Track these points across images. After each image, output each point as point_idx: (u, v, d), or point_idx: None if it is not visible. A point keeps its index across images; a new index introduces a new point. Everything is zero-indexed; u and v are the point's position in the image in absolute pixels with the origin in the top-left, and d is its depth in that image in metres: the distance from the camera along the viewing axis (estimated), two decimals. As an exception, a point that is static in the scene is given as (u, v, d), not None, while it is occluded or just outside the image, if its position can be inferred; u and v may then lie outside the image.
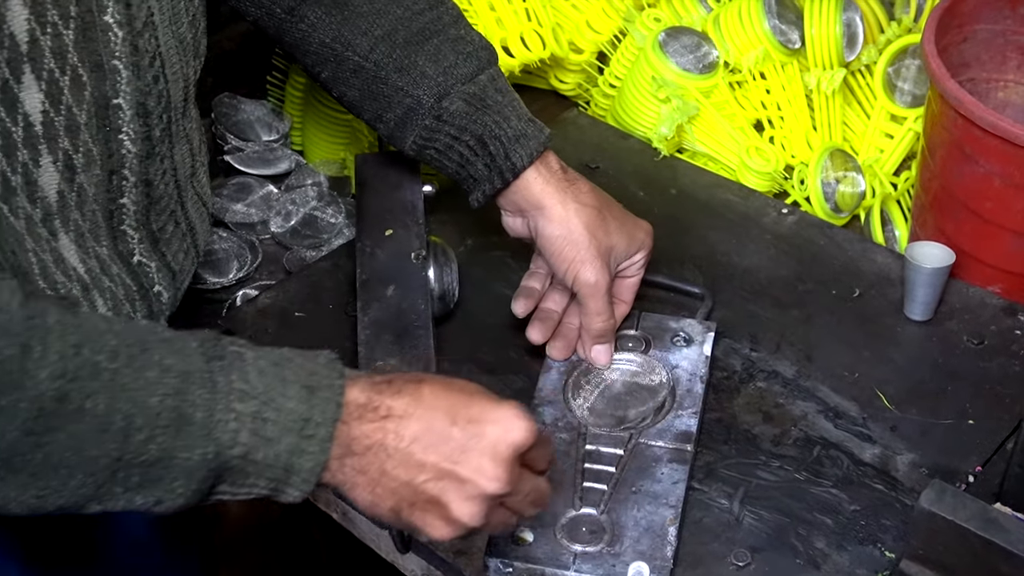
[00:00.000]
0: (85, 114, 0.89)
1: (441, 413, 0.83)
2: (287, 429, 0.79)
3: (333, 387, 0.81)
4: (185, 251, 1.06)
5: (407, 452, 0.82)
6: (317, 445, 0.80)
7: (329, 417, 0.80)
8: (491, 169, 1.13)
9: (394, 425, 0.82)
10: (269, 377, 0.80)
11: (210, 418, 0.77)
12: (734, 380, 1.19)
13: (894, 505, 1.06)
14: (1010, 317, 1.25)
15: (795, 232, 1.36)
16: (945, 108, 1.25)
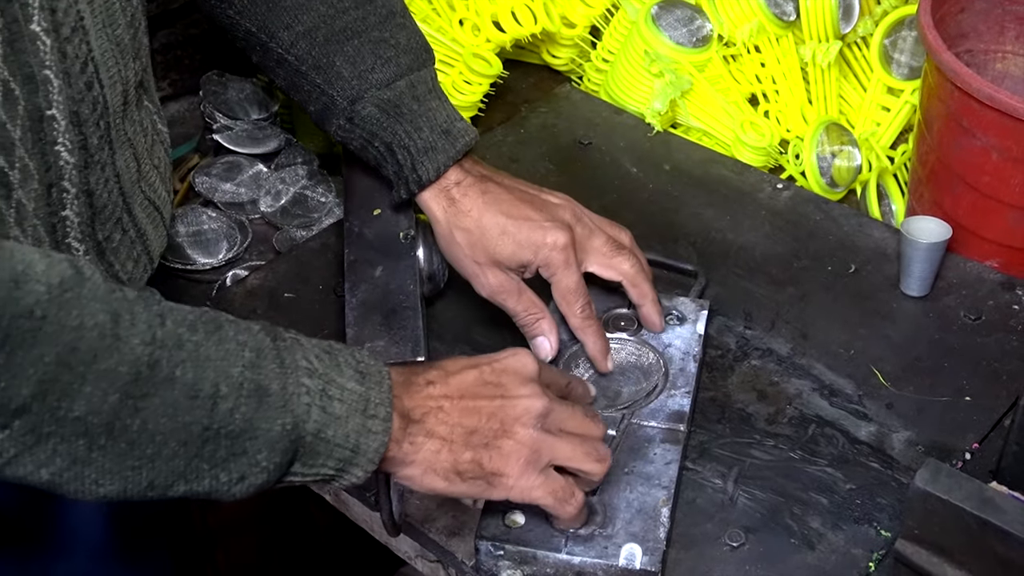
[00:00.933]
0: (19, 129, 0.86)
1: (467, 367, 0.90)
2: (353, 408, 0.82)
3: (381, 372, 0.86)
4: (135, 259, 1.03)
5: (461, 403, 0.88)
6: (380, 424, 0.84)
7: (385, 396, 0.84)
8: (399, 177, 1.13)
9: (439, 389, 0.88)
10: (326, 361, 0.83)
11: (284, 390, 0.80)
12: (728, 358, 1.17)
13: (890, 484, 1.05)
14: (1008, 292, 1.23)
15: (790, 208, 1.35)
16: (942, 80, 1.23)
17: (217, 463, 0.78)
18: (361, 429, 0.83)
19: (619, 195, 1.36)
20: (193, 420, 0.76)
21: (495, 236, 1.10)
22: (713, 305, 1.19)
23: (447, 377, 0.89)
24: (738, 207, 1.34)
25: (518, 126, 1.48)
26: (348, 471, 0.84)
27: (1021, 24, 1.36)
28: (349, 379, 0.83)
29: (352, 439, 0.83)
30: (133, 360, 0.74)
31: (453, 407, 0.88)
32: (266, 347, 0.80)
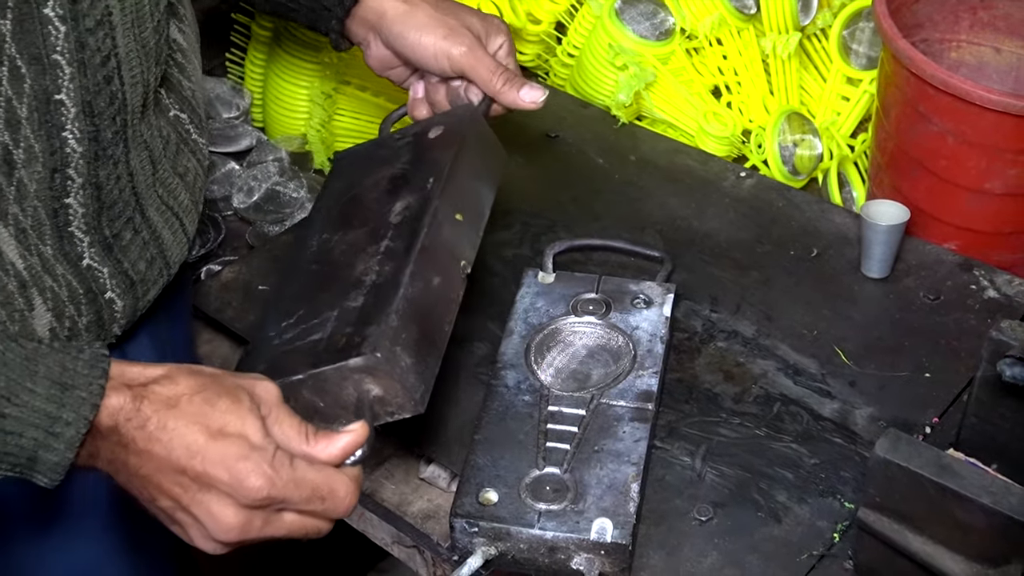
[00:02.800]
0: (26, 108, 0.88)
1: (177, 457, 0.81)
2: (31, 424, 0.79)
3: (91, 387, 0.80)
4: (148, 261, 1.03)
5: (145, 478, 0.82)
6: (64, 443, 0.80)
7: (82, 417, 0.80)
8: None
9: (134, 458, 0.82)
10: (16, 370, 0.79)
11: None
12: (695, 341, 1.20)
13: (853, 458, 1.08)
14: (965, 273, 1.27)
15: (754, 195, 1.38)
16: (898, 68, 1.26)
17: None
18: (40, 444, 0.79)
19: (587, 186, 1.39)
20: None
21: (460, 9, 1.16)
22: (679, 289, 1.22)
23: (150, 447, 0.81)
24: (703, 195, 1.37)
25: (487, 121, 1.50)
26: (31, 476, 0.81)
27: (974, 14, 1.40)
28: (38, 395, 0.79)
29: (28, 451, 0.79)
30: None
31: (136, 476, 0.83)
32: None
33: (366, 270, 1.00)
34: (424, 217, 1.02)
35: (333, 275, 1.02)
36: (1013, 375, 0.94)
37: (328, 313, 0.98)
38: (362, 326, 0.94)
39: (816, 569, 0.99)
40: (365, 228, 1.05)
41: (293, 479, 0.83)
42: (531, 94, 1.15)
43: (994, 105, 1.18)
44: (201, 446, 0.81)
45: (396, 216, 1.04)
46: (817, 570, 0.99)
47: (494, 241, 1.30)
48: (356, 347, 0.92)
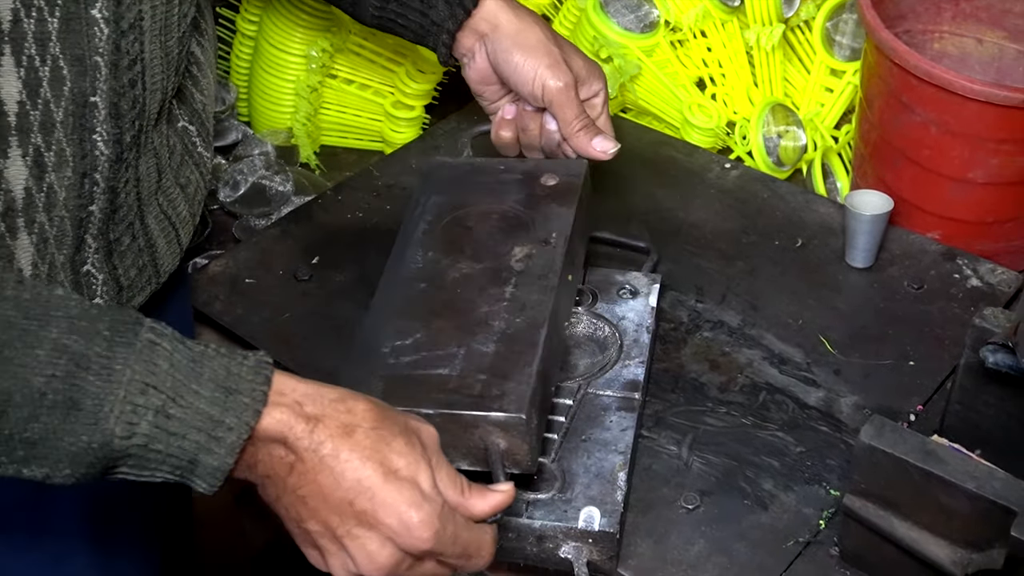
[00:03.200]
0: (62, 112, 0.88)
1: (345, 489, 0.80)
2: (195, 427, 0.77)
3: (255, 392, 0.79)
4: (139, 268, 1.02)
5: (301, 499, 0.81)
6: (225, 448, 0.78)
7: (244, 422, 0.78)
8: (451, 4, 1.16)
9: (297, 478, 0.80)
10: (183, 372, 0.77)
11: (100, 408, 0.75)
12: (681, 331, 1.21)
13: (838, 446, 1.09)
14: (949, 262, 1.27)
15: (739, 186, 1.38)
16: (881, 59, 1.27)
17: (17, 460, 0.76)
18: (201, 447, 0.77)
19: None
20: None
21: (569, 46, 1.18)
22: (665, 280, 1.22)
23: (319, 470, 0.80)
24: (688, 187, 1.38)
25: (472, 113, 1.50)
26: (189, 480, 0.79)
27: (957, 5, 1.41)
28: (204, 397, 0.77)
29: (189, 453, 0.77)
30: None
31: (290, 493, 0.81)
32: (95, 355, 0.75)
33: (492, 314, 1.00)
34: (551, 276, 1.03)
35: (452, 306, 1.02)
36: (996, 362, 0.94)
37: (454, 349, 0.97)
38: (499, 379, 0.94)
39: (802, 556, 1.00)
40: (483, 264, 1.05)
41: (455, 535, 0.83)
42: (603, 145, 1.18)
43: (976, 95, 1.19)
44: (374, 485, 0.80)
45: (518, 263, 1.05)
46: (803, 557, 1.00)
47: (480, 233, 1.31)
48: (496, 400, 0.93)
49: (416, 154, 1.44)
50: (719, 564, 0.99)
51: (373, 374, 0.96)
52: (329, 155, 1.54)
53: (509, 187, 1.13)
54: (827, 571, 0.99)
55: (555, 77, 1.15)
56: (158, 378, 0.76)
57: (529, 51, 1.15)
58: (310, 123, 1.49)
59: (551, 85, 1.15)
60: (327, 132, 1.53)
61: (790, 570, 0.99)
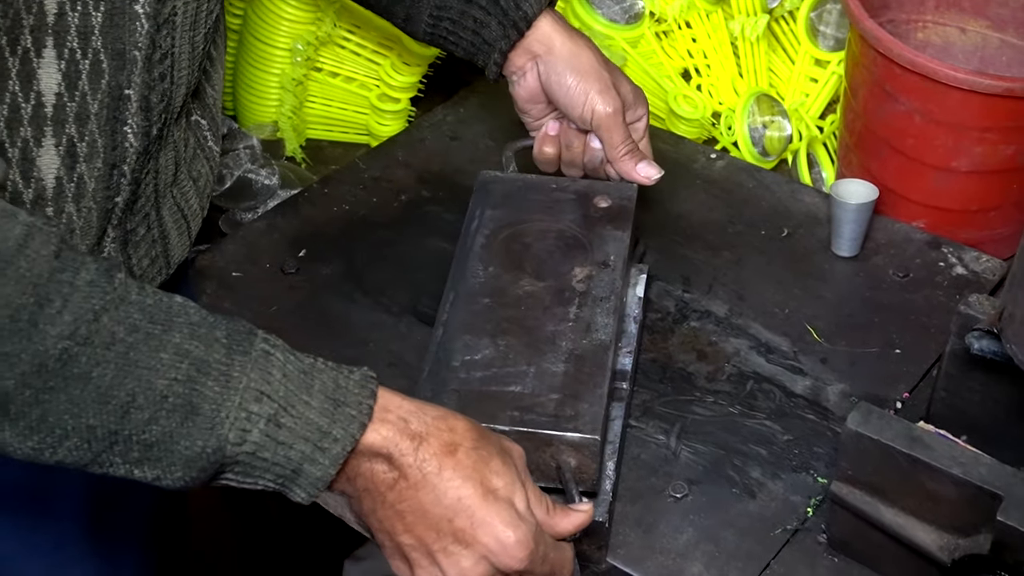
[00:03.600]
0: (97, 104, 0.89)
1: (445, 506, 0.82)
2: (303, 437, 0.78)
3: (361, 406, 0.80)
4: (152, 259, 1.03)
5: (399, 514, 0.83)
6: (329, 459, 0.79)
7: (350, 434, 0.80)
8: (505, 25, 1.17)
9: (395, 493, 0.82)
10: (295, 382, 0.79)
11: (217, 413, 0.76)
12: (668, 321, 1.21)
13: (826, 434, 1.09)
14: (934, 250, 1.28)
15: (724, 176, 1.39)
16: (865, 48, 1.28)
17: (130, 461, 0.77)
18: (307, 457, 0.79)
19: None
20: (99, 424, 0.74)
21: (618, 71, 1.19)
22: (652, 270, 1.23)
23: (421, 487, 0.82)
24: (674, 177, 1.38)
25: (458, 105, 1.51)
26: (290, 488, 0.81)
27: (940, -6, 1.42)
28: (314, 408, 0.79)
29: (294, 463, 0.79)
30: (41, 352, 0.72)
31: (388, 507, 0.83)
32: (215, 361, 0.77)
33: (559, 334, 1.02)
34: (612, 298, 1.06)
35: (518, 323, 1.03)
36: (981, 348, 0.95)
37: (524, 367, 0.99)
38: (572, 399, 0.97)
39: (790, 543, 1.01)
40: (545, 283, 1.07)
41: (545, 555, 0.85)
42: (647, 171, 1.18)
43: (960, 83, 1.19)
44: (473, 504, 0.82)
45: (579, 283, 1.07)
46: (791, 544, 1.00)
47: (467, 225, 1.31)
48: (571, 420, 0.95)
49: (402, 147, 1.44)
50: (707, 552, 1.00)
51: (447, 389, 0.98)
52: (315, 148, 1.54)
53: (563, 206, 1.16)
54: (815, 558, 0.99)
55: (605, 103, 1.16)
56: (272, 387, 0.78)
57: (582, 75, 1.16)
58: (295, 116, 1.49)
59: (600, 110, 1.16)
60: (312, 125, 1.53)
61: (778, 558, 0.99)
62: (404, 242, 1.29)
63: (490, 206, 1.16)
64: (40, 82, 0.85)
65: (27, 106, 0.86)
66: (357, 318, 1.21)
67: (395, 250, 1.28)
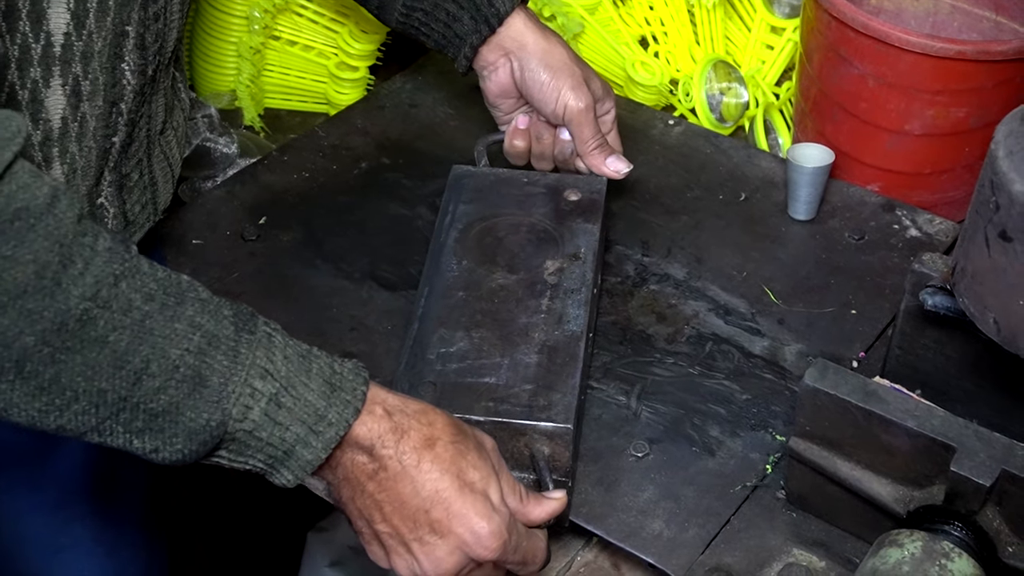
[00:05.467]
0: (101, 41, 0.90)
1: (423, 498, 0.84)
2: (300, 419, 0.80)
3: (356, 392, 0.82)
4: (143, 204, 1.05)
5: (377, 503, 0.85)
6: (322, 443, 0.81)
7: (344, 420, 0.81)
8: (477, 20, 1.18)
9: (375, 484, 0.84)
10: (294, 364, 0.80)
11: (224, 387, 0.77)
12: (627, 284, 1.22)
13: (783, 392, 1.11)
14: (888, 213, 1.30)
15: (682, 142, 1.40)
16: (820, 13, 1.29)
17: (132, 431, 0.77)
18: (300, 440, 0.80)
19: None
20: (111, 388, 0.75)
21: (586, 65, 1.21)
22: (611, 235, 1.24)
23: (401, 478, 0.84)
24: (632, 143, 1.39)
25: (416, 73, 1.51)
26: (277, 470, 0.82)
27: (893, -39, 1.43)
28: (312, 390, 0.80)
29: (287, 444, 0.80)
30: (63, 311, 0.72)
31: (368, 496, 0.85)
32: (224, 336, 0.78)
33: (531, 325, 1.04)
34: (583, 290, 1.08)
35: (492, 316, 1.05)
36: (934, 304, 0.97)
37: (498, 359, 1.01)
38: (545, 389, 0.99)
39: (750, 499, 1.02)
40: (517, 276, 1.09)
41: (517, 543, 0.87)
42: (616, 165, 1.21)
43: (912, 47, 1.21)
44: (450, 496, 0.84)
45: (551, 276, 1.09)
46: (751, 500, 1.02)
47: (429, 191, 1.31)
48: (544, 410, 0.97)
49: (361, 115, 1.44)
50: (668, 509, 1.01)
51: (423, 381, 0.99)
52: (273, 118, 1.53)
53: (535, 199, 1.18)
54: (773, 513, 1.01)
55: (577, 98, 1.17)
56: (275, 366, 0.79)
57: (555, 71, 1.18)
58: (253, 85, 1.49)
59: (573, 106, 1.17)
60: (271, 95, 1.53)
61: (738, 513, 1.01)
62: (364, 209, 1.30)
63: (463, 201, 1.17)
64: (49, 22, 0.85)
65: (37, 46, 0.85)
66: (318, 284, 1.21)
67: (355, 216, 1.28)
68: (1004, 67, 1.21)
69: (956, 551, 0.87)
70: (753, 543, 0.98)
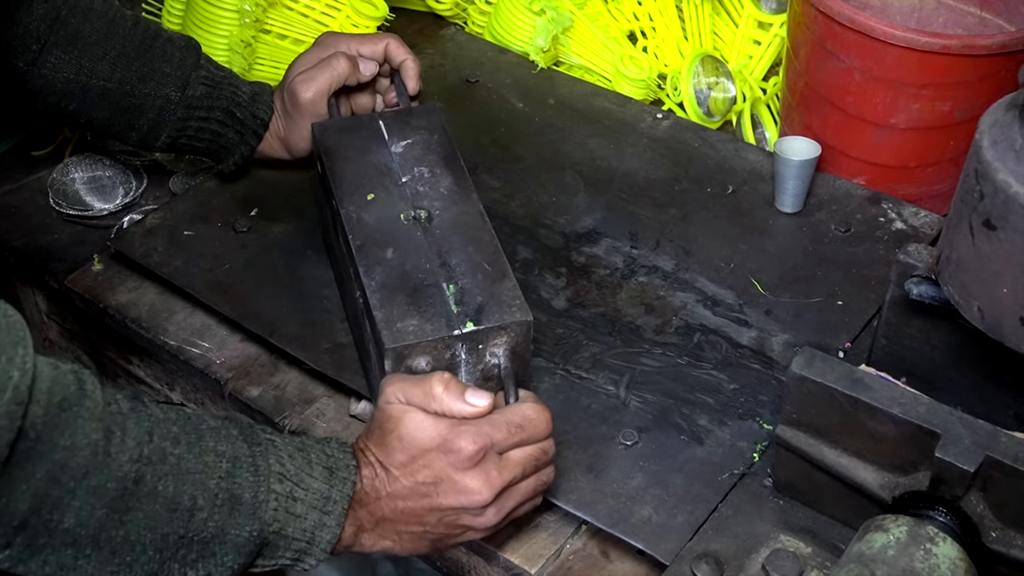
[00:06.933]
0: None
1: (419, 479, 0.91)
2: (312, 506, 0.88)
3: (349, 468, 0.90)
4: None
5: (407, 512, 0.92)
6: (335, 520, 0.89)
7: (345, 494, 0.89)
8: (243, 134, 1.27)
9: (386, 504, 0.91)
10: (299, 460, 0.89)
11: (255, 498, 0.86)
12: (616, 276, 1.23)
13: (770, 382, 1.12)
14: (874, 206, 1.31)
15: (670, 135, 1.41)
16: (807, 7, 1.30)
17: (187, 564, 0.84)
18: (318, 524, 0.89)
19: (507, 129, 1.41)
20: (171, 531, 0.82)
21: (300, 84, 1.26)
22: (600, 227, 1.25)
23: (396, 484, 0.91)
24: (621, 136, 1.40)
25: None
26: (304, 559, 0.90)
27: (879, -44, 1.44)
28: (316, 477, 0.89)
29: (308, 532, 0.89)
30: (121, 477, 0.80)
31: (400, 516, 0.92)
32: (242, 455, 0.86)
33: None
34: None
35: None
36: (920, 293, 0.98)
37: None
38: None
39: (737, 487, 1.03)
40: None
41: (489, 423, 0.92)
42: None
43: (898, 40, 1.22)
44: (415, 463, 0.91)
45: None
46: (738, 488, 1.03)
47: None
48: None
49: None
50: (657, 496, 1.02)
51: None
52: (264, 111, 1.54)
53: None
54: (761, 500, 1.02)
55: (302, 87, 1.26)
56: (285, 467, 0.88)
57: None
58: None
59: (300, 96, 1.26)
60: (261, 88, 1.53)
61: (725, 501, 1.02)
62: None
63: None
64: None
65: None
66: (308, 275, 1.22)
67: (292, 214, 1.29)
68: (988, 61, 1.23)
69: (941, 536, 0.88)
70: (741, 529, 1.00)
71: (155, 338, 1.20)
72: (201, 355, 1.18)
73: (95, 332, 1.33)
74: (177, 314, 1.22)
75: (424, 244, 1.08)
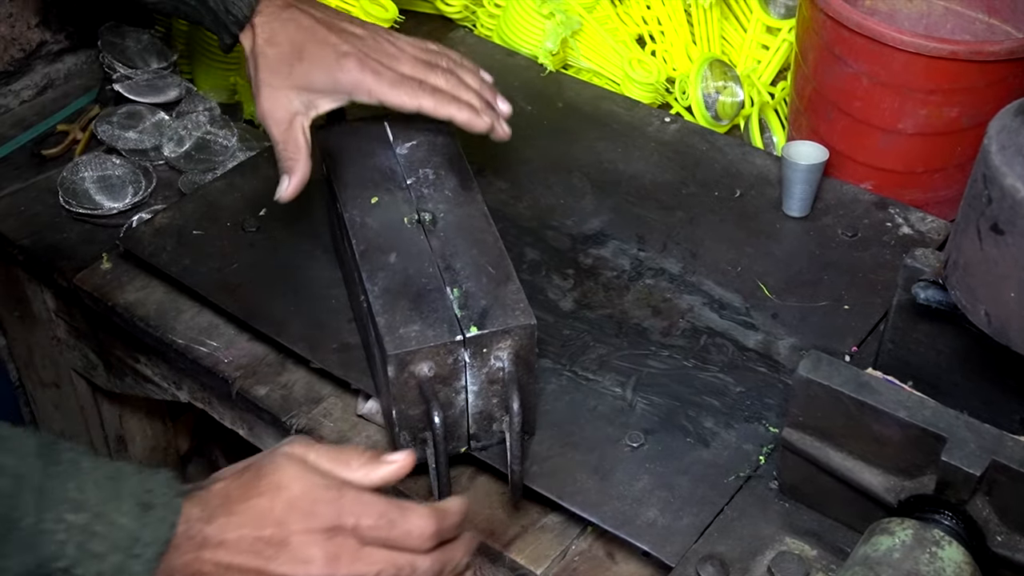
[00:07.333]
0: None
1: (264, 533, 0.80)
2: (115, 547, 0.76)
3: (170, 505, 0.78)
4: None
5: (230, 570, 0.80)
6: (143, 565, 0.76)
7: (160, 538, 0.77)
8: (218, 25, 1.16)
9: (209, 556, 0.79)
10: (105, 490, 0.77)
11: (36, 527, 0.74)
12: (624, 279, 1.23)
13: (776, 385, 1.12)
14: (881, 211, 1.31)
15: (678, 139, 1.41)
16: (815, 13, 1.30)
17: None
18: (119, 568, 0.76)
19: (516, 131, 1.39)
20: None
21: (293, 58, 1.13)
22: (607, 229, 1.25)
23: (223, 541, 0.79)
24: (629, 140, 1.40)
25: (415, 70, 1.52)
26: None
27: (888, -38, 1.45)
28: (125, 513, 0.76)
29: (108, 575, 0.76)
30: None
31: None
32: (30, 474, 0.75)
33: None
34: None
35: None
36: (927, 297, 0.98)
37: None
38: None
39: (743, 489, 1.03)
40: None
41: (367, 499, 0.82)
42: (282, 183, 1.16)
43: (906, 46, 1.23)
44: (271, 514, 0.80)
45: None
46: (744, 490, 1.03)
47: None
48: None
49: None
50: (662, 498, 1.02)
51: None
52: (272, 112, 1.54)
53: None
54: (766, 503, 1.02)
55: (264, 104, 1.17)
56: (84, 495, 0.76)
57: None
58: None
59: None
60: (270, 89, 1.53)
61: (731, 503, 1.02)
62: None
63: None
64: None
65: None
66: (317, 275, 1.22)
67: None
68: (996, 67, 1.23)
69: (946, 539, 0.88)
70: (746, 532, 1.00)
71: (163, 337, 1.20)
72: (209, 354, 1.19)
73: (103, 330, 1.34)
74: (185, 313, 1.22)
75: (427, 248, 1.08)
